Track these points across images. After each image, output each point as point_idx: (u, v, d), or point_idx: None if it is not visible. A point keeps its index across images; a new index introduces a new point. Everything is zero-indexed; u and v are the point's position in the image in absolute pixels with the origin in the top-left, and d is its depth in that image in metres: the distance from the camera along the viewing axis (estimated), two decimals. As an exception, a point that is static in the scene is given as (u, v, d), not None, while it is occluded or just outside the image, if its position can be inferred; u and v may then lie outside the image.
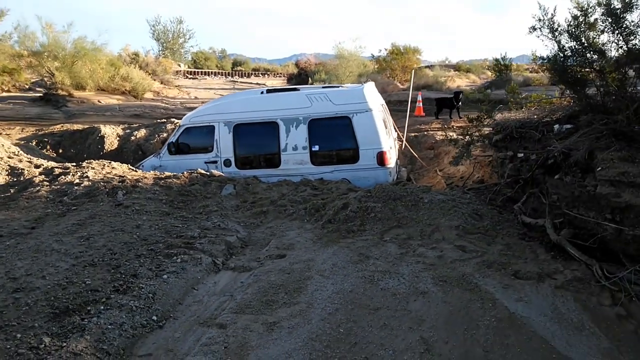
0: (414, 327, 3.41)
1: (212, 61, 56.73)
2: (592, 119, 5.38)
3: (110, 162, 7.35)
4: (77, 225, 5.00)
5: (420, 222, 5.36)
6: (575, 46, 5.13)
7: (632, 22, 4.80)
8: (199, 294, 3.92)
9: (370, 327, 3.40)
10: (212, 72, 49.54)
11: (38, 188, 6.25)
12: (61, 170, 6.82)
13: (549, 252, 4.75)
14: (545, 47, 5.36)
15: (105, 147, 10.86)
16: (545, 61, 5.31)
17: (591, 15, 5.15)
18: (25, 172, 6.75)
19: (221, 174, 7.33)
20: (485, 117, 6.33)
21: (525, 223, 5.44)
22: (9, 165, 6.87)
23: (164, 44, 32.55)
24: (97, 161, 7.34)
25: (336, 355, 3.08)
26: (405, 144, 10.40)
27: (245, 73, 52.03)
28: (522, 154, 6.35)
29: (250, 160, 8.02)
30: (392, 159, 7.75)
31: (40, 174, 6.76)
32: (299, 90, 8.37)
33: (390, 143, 7.95)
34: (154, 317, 3.45)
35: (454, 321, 3.50)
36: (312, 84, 20.26)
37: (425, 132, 11.68)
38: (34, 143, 10.91)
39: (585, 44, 5.23)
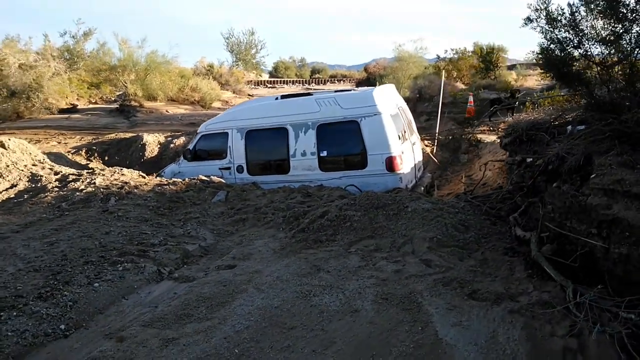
0: (318, 351, 3.10)
1: (291, 70, 58.26)
2: (596, 118, 4.66)
3: (121, 169, 7.63)
4: (53, 231, 5.19)
5: (395, 233, 4.96)
6: (570, 36, 4.48)
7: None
8: (126, 304, 3.86)
9: (271, 348, 3.14)
10: (290, 80, 50.88)
11: (47, 194, 6.62)
12: (74, 177, 7.19)
13: (527, 269, 4.18)
14: (541, 39, 4.70)
15: (146, 155, 11.36)
16: (539, 54, 4.68)
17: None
18: (44, 179, 7.20)
19: (221, 180, 7.34)
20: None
21: (517, 236, 4.84)
22: (30, 172, 7.37)
23: (237, 55, 33.70)
24: (111, 168, 7.63)
25: (216, 378, 2.87)
26: (423, 147, 9.78)
27: (322, 80, 52.78)
28: (531, 159, 5.68)
29: (261, 166, 7.96)
30: (404, 165, 7.30)
31: (55, 180, 7.17)
32: (311, 95, 8.18)
33: (403, 148, 7.49)
34: (62, 326, 3.43)
35: (367, 345, 3.14)
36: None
37: (463, 136, 10.92)
38: (84, 151, 11.70)
39: (585, 32, 4.55)
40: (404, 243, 4.74)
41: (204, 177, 7.28)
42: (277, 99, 8.43)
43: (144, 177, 7.42)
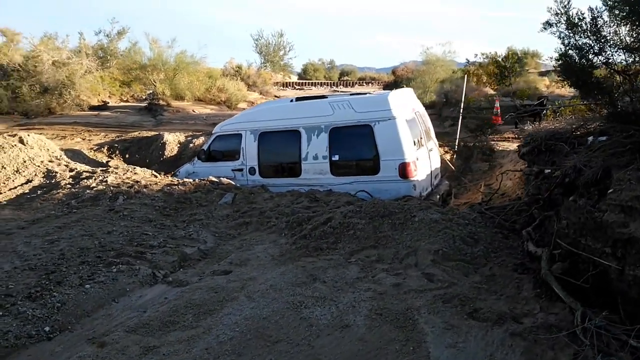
0: (300, 368, 2.95)
1: (320, 72, 58.32)
2: (618, 129, 4.37)
3: (134, 168, 7.65)
4: (57, 228, 5.20)
5: (399, 244, 4.77)
6: (591, 42, 4.21)
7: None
8: (116, 307, 3.80)
9: (252, 362, 3.01)
10: (318, 82, 50.92)
11: (59, 191, 6.68)
12: (88, 175, 7.24)
13: (535, 288, 3.94)
14: (559, 45, 4.43)
15: (166, 154, 11.42)
16: (557, 60, 4.42)
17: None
18: (58, 175, 7.27)
19: (230, 182, 7.26)
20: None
21: (529, 251, 4.59)
22: (46, 168, 7.46)
23: (266, 57, 33.82)
24: (124, 166, 7.67)
25: (191, 392, 2.76)
26: (442, 154, 9.50)
27: (350, 82, 52.61)
28: (549, 170, 5.39)
29: (273, 168, 7.86)
30: (418, 171, 7.07)
31: (69, 177, 7.24)
32: (326, 98, 8.03)
33: (419, 154, 7.27)
34: (47, 328, 3.38)
35: (352, 365, 2.98)
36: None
37: (485, 143, 10.57)
38: (106, 148, 11.85)
39: (607, 39, 4.28)
40: (407, 255, 4.54)
41: (213, 179, 7.23)
42: (292, 101, 8.32)
43: (156, 177, 7.42)
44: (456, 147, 9.63)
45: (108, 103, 23.16)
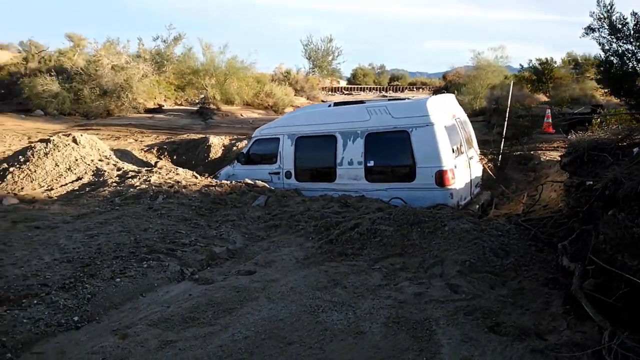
0: (309, 372, 2.97)
1: (370, 77, 58.18)
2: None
3: (176, 169, 7.94)
4: (98, 224, 5.48)
5: (427, 253, 4.70)
6: (634, 48, 4.02)
7: None
8: (142, 301, 3.96)
9: (262, 363, 3.06)
10: (367, 87, 50.83)
11: (105, 188, 7.02)
12: (133, 174, 7.57)
13: (565, 305, 3.77)
14: (600, 52, 4.24)
15: (210, 156, 11.75)
16: (598, 67, 4.23)
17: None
18: (106, 173, 7.65)
19: (265, 184, 7.38)
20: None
21: (562, 266, 4.40)
22: (96, 167, 7.86)
23: (314, 62, 34.21)
24: (168, 167, 7.96)
25: (201, 387, 2.84)
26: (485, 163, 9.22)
27: (400, 87, 52.15)
28: (590, 182, 5.14)
29: (308, 173, 7.93)
30: (455, 180, 6.92)
31: (116, 176, 7.59)
32: (363, 103, 8.02)
33: (457, 162, 7.12)
34: (76, 318, 3.57)
35: (362, 372, 2.97)
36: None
37: (532, 152, 10.19)
38: (155, 149, 12.33)
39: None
40: (433, 264, 4.47)
41: (249, 181, 7.37)
42: (329, 106, 8.36)
43: (196, 178, 7.65)
44: (499, 156, 9.34)
45: (163, 106, 24.08)
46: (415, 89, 50.57)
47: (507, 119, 10.23)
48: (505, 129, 10.13)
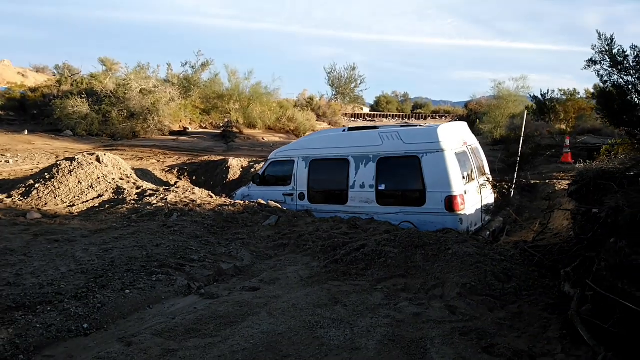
0: (301, 383, 3.07)
1: (393, 104, 58.67)
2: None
3: (193, 188, 8.18)
4: (114, 239, 5.71)
5: (429, 275, 4.77)
6: (634, 80, 4.11)
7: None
8: (149, 312, 4.12)
9: (258, 373, 3.17)
10: (390, 114, 51.22)
11: (124, 206, 7.30)
12: (151, 192, 7.85)
13: (562, 329, 3.79)
14: (600, 82, 4.35)
15: (229, 177, 12.04)
16: (598, 98, 4.33)
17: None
18: (126, 192, 7.94)
19: (277, 205, 7.55)
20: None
21: (563, 292, 4.41)
22: (117, 185, 8.18)
23: (337, 89, 34.86)
24: (184, 186, 8.21)
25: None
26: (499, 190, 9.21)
27: (423, 115, 52.36)
28: (596, 210, 5.17)
29: (321, 195, 8.09)
30: (465, 205, 7.00)
31: (135, 194, 7.88)
32: (377, 128, 8.20)
33: (468, 188, 7.20)
34: (85, 325, 3.75)
35: (351, 386, 3.05)
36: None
37: (547, 181, 10.16)
38: (176, 170, 12.70)
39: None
40: (434, 286, 4.53)
41: (262, 201, 7.56)
42: (344, 130, 8.56)
43: (212, 197, 7.88)
44: (513, 184, 9.34)
45: (188, 129, 24.73)
46: (438, 117, 50.69)
47: (519, 147, 10.26)
48: (518, 157, 10.15)
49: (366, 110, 52.38)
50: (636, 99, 4.07)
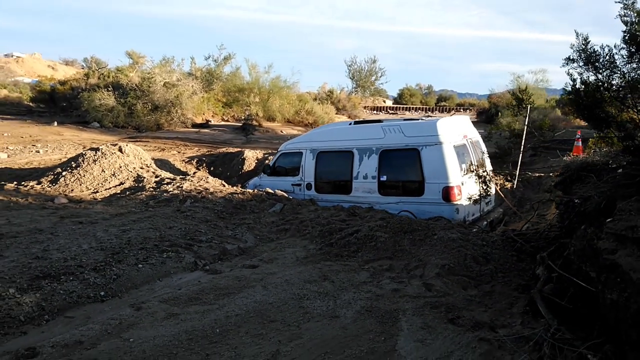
0: (283, 342, 3.53)
1: (417, 97, 58.42)
2: (630, 162, 4.49)
3: (207, 177, 8.74)
4: (131, 222, 6.28)
5: (413, 257, 5.19)
6: (604, 78, 4.45)
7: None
8: (158, 284, 4.66)
9: (246, 333, 3.65)
10: (413, 107, 51.14)
11: (143, 193, 7.89)
12: (168, 181, 8.43)
13: (526, 306, 4.17)
14: (571, 80, 4.68)
15: (244, 168, 12.57)
16: (569, 95, 4.66)
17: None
18: (145, 180, 8.55)
19: (284, 194, 8.03)
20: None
21: (535, 274, 4.78)
22: (137, 173, 8.78)
23: (358, 82, 35.14)
24: (200, 175, 8.77)
25: (192, 348, 3.46)
26: (501, 183, 9.51)
27: (447, 108, 52.08)
28: (577, 200, 5.50)
29: (327, 185, 8.53)
30: (462, 196, 7.36)
31: (154, 182, 8.47)
32: (380, 122, 8.59)
33: (465, 179, 7.55)
34: (102, 293, 4.31)
35: (326, 344, 3.51)
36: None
37: (551, 174, 10.38)
38: (195, 161, 13.30)
39: (624, 74, 4.48)
40: (416, 267, 4.95)
41: (270, 190, 8.05)
42: (350, 124, 8.98)
43: (224, 185, 8.41)
44: (516, 178, 9.62)
45: (210, 122, 25.39)
46: (462, 110, 50.37)
47: (523, 142, 10.50)
48: (521, 152, 10.40)
49: (389, 102, 52.45)
50: (605, 96, 4.39)
